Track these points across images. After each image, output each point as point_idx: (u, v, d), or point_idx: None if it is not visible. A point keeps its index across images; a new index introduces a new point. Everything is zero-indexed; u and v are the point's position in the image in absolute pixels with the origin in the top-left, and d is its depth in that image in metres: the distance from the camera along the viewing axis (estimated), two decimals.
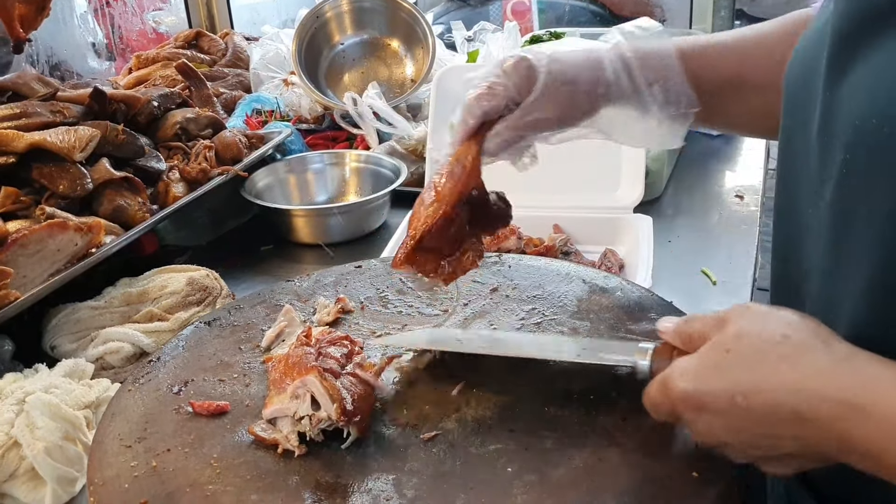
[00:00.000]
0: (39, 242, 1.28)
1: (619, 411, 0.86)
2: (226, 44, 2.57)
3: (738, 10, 3.90)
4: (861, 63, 0.65)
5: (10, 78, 1.65)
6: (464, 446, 0.85)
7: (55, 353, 1.31)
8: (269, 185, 1.87)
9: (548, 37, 2.15)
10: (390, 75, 2.22)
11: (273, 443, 0.88)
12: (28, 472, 1.02)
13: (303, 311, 1.14)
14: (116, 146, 1.55)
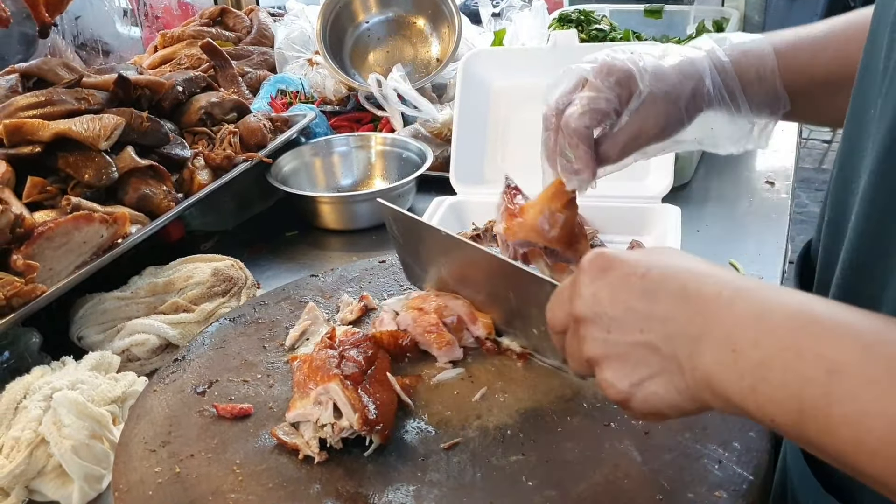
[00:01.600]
0: (65, 235, 1.28)
1: (642, 425, 0.85)
2: (251, 20, 2.55)
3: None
4: None
5: (35, 64, 1.65)
6: (485, 456, 0.84)
7: (82, 343, 1.32)
8: (295, 169, 1.86)
9: (576, 15, 2.11)
10: (416, 55, 2.19)
11: (294, 447, 0.88)
12: (56, 469, 1.03)
13: (326, 308, 1.14)
14: (141, 134, 1.55)
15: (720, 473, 0.77)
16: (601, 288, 0.69)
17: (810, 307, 0.58)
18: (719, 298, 0.62)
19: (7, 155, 1.45)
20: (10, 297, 1.18)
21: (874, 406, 0.52)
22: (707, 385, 0.62)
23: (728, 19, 2.12)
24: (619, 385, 0.68)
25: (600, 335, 0.69)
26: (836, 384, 0.54)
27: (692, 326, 0.62)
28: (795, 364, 0.56)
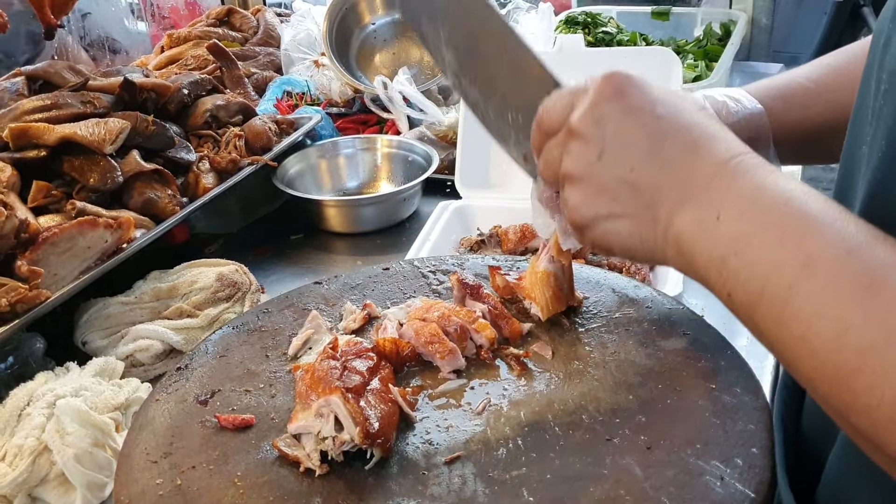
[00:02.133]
0: (70, 240, 1.29)
1: (643, 441, 0.85)
2: (257, 21, 2.55)
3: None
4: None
5: (41, 67, 1.66)
6: (486, 470, 0.84)
7: (87, 348, 1.33)
8: (301, 172, 1.86)
9: (583, 17, 2.10)
10: (422, 56, 2.18)
11: (296, 460, 0.88)
12: (59, 477, 1.03)
13: (330, 316, 1.14)
14: (146, 137, 1.55)
15: (722, 491, 0.77)
16: (611, 111, 0.66)
17: (807, 200, 0.58)
18: (724, 167, 0.61)
19: (13, 159, 1.45)
20: (15, 302, 1.18)
21: (831, 309, 0.52)
22: (676, 243, 0.62)
23: (736, 21, 2.11)
24: (584, 211, 0.67)
25: (589, 156, 0.67)
26: (805, 278, 0.54)
27: (685, 184, 0.62)
28: (774, 247, 0.56)
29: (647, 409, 0.89)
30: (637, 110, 0.66)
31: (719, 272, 0.59)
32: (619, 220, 0.66)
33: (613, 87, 0.67)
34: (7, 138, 1.46)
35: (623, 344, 1.00)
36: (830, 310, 0.53)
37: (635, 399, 0.91)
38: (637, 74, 0.68)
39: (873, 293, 0.51)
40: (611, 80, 0.68)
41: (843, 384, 0.52)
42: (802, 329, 0.54)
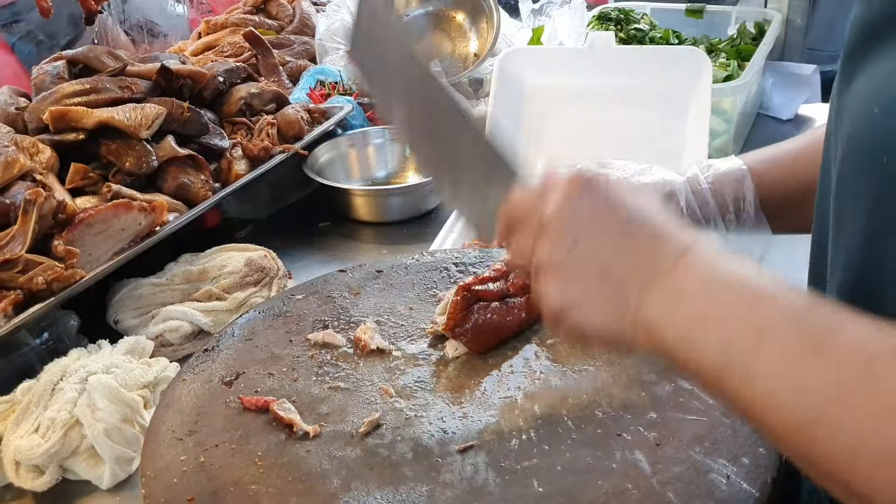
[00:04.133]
0: (105, 222, 1.33)
1: (653, 438, 0.86)
2: (293, 10, 2.58)
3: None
4: (861, 73, 0.67)
5: (82, 51, 1.70)
6: (498, 460, 0.86)
7: (118, 327, 1.37)
8: (331, 161, 1.89)
9: (616, 13, 2.10)
10: (454, 49, 2.20)
11: (290, 423, 0.93)
12: (88, 451, 1.08)
13: (354, 306, 1.17)
14: (181, 123, 1.59)
15: (727, 489, 0.78)
16: (581, 206, 0.71)
17: (756, 277, 0.64)
18: (686, 253, 0.67)
19: (52, 141, 1.50)
20: (51, 281, 1.22)
21: (787, 371, 0.58)
22: (645, 326, 0.66)
23: (770, 21, 2.10)
24: (557, 298, 0.71)
25: (562, 248, 0.71)
26: (760, 346, 0.60)
27: (651, 271, 0.67)
28: (730, 321, 0.62)
29: (658, 407, 0.91)
30: (605, 206, 0.71)
31: (686, 349, 0.64)
32: (592, 307, 0.70)
33: (583, 184, 0.72)
34: (47, 121, 1.50)
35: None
36: (786, 371, 0.58)
37: (648, 396, 0.93)
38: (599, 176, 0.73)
39: (820, 353, 0.57)
40: (581, 177, 0.72)
41: (808, 435, 0.57)
42: (765, 389, 0.59)
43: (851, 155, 0.67)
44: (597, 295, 0.70)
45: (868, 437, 0.54)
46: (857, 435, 0.54)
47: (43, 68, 1.68)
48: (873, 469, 0.54)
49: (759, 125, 2.10)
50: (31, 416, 1.10)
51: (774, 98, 2.12)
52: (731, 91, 1.73)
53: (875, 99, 0.63)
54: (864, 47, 0.67)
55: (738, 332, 0.61)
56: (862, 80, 0.67)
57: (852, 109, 0.67)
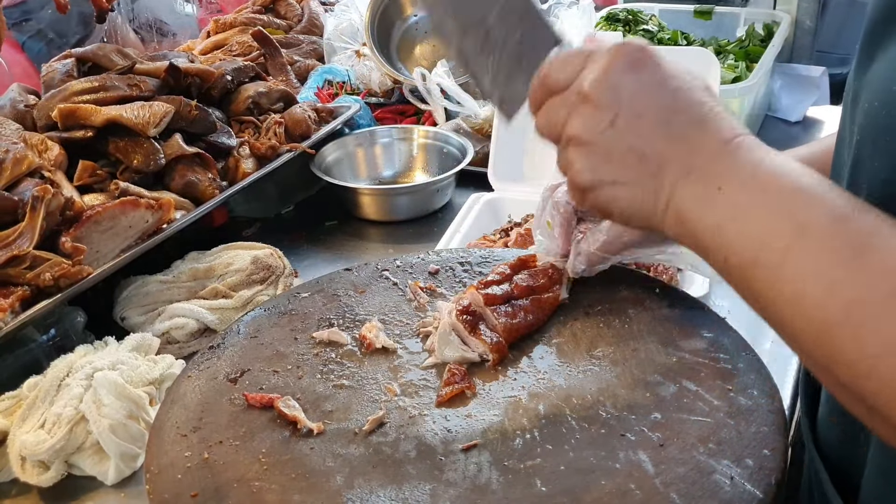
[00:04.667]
0: (112, 219, 1.33)
1: (657, 438, 0.86)
2: (302, 9, 2.59)
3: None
4: (882, 52, 0.66)
5: (90, 49, 1.71)
6: (501, 459, 0.86)
7: (125, 323, 1.38)
8: (338, 160, 1.89)
9: (624, 14, 2.10)
10: None
11: (294, 419, 0.93)
12: (94, 446, 1.08)
13: (359, 304, 1.17)
14: (189, 122, 1.59)
15: (730, 490, 0.78)
16: (628, 82, 0.69)
17: (801, 175, 0.63)
18: (727, 144, 0.65)
19: (61, 138, 1.51)
20: (58, 277, 1.23)
21: (821, 271, 0.57)
22: (676, 212, 0.66)
23: (779, 23, 2.09)
24: (589, 174, 0.70)
25: (600, 122, 0.69)
26: (799, 242, 0.59)
27: (690, 158, 0.65)
28: (771, 214, 0.61)
29: (662, 407, 0.91)
30: (651, 83, 0.68)
31: (716, 237, 0.63)
32: (623, 187, 0.68)
33: (629, 56, 0.69)
34: (56, 118, 1.51)
35: (644, 342, 1.02)
36: (820, 271, 0.57)
37: (652, 397, 0.93)
38: (648, 50, 0.71)
39: (860, 256, 0.56)
40: (629, 52, 0.70)
41: (829, 338, 0.56)
42: (794, 289, 0.58)
43: (868, 134, 0.66)
44: (630, 175, 0.68)
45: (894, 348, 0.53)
46: (883, 344, 0.53)
47: (52, 66, 1.69)
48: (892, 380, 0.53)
49: (767, 127, 2.10)
50: (37, 412, 1.11)
51: (783, 100, 2.12)
52: (738, 92, 1.73)
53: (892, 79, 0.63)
54: (885, 28, 0.66)
55: (775, 228, 0.60)
56: (882, 60, 0.66)
57: (870, 89, 0.66)
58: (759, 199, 0.62)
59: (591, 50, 0.72)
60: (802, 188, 0.61)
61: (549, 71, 0.74)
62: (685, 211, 0.65)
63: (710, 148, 0.65)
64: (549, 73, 0.74)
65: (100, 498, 1.08)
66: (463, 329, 1.02)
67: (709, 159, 0.65)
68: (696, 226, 0.64)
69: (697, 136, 0.66)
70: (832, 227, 0.58)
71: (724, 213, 0.63)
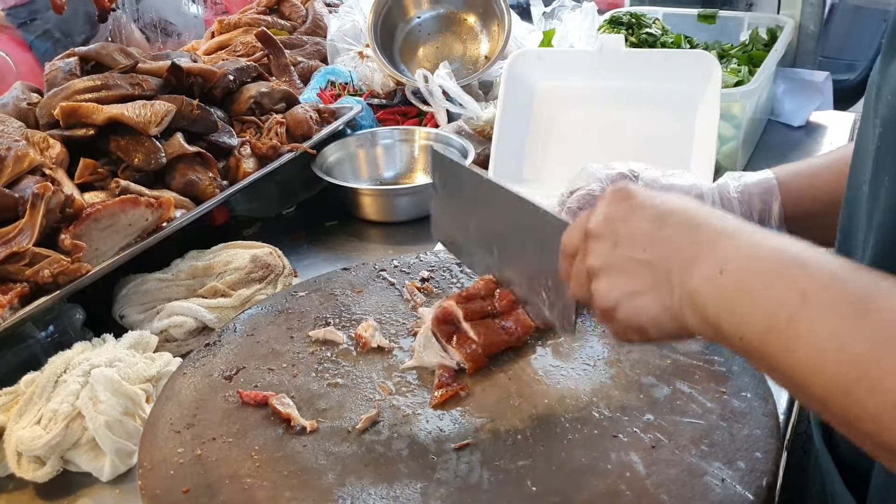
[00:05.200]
0: (112, 217, 1.34)
1: (650, 440, 0.86)
2: (306, 10, 2.59)
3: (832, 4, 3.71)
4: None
5: (94, 48, 1.71)
6: (493, 459, 0.86)
7: (124, 321, 1.38)
8: (340, 160, 1.89)
9: (627, 17, 2.10)
10: (465, 51, 2.20)
11: (287, 417, 0.94)
12: (90, 443, 1.08)
13: (356, 304, 1.17)
14: (191, 121, 1.59)
15: (721, 492, 0.78)
16: (618, 210, 0.77)
17: (796, 247, 0.66)
18: (722, 232, 0.70)
19: (63, 136, 1.51)
20: (57, 274, 1.23)
21: (829, 329, 0.59)
22: (690, 302, 0.69)
23: (782, 27, 2.09)
24: (610, 294, 0.76)
25: (606, 248, 0.76)
26: (804, 308, 0.61)
27: (690, 250, 0.70)
28: (773, 287, 0.64)
29: (655, 409, 0.91)
30: (640, 206, 0.76)
31: (729, 318, 0.66)
32: (643, 296, 0.74)
33: (619, 194, 0.77)
34: (58, 116, 1.51)
35: (639, 344, 1.02)
36: (828, 333, 0.59)
37: (645, 398, 0.93)
38: (628, 185, 0.79)
39: (861, 312, 0.59)
40: (616, 191, 0.78)
41: (850, 396, 0.58)
42: (807, 354, 0.60)
43: (890, 127, 0.69)
44: (642, 284, 0.74)
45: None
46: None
47: (55, 64, 1.70)
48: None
49: (769, 131, 2.09)
50: (34, 408, 1.11)
51: (786, 104, 2.12)
52: (740, 96, 1.72)
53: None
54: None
55: (782, 296, 0.63)
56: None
57: (893, 82, 0.70)
58: (759, 275, 0.65)
59: (588, 211, 0.81)
60: (799, 259, 0.65)
61: (563, 243, 0.83)
62: (697, 299, 0.69)
63: (708, 238, 0.70)
64: (564, 245, 0.83)
65: (95, 494, 1.08)
66: (440, 337, 1.02)
67: (708, 247, 0.69)
68: (709, 311, 0.68)
69: (693, 232, 0.71)
70: (832, 290, 0.61)
71: (731, 294, 0.66)
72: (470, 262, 1.14)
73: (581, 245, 0.80)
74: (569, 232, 0.83)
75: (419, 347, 1.02)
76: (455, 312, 1.03)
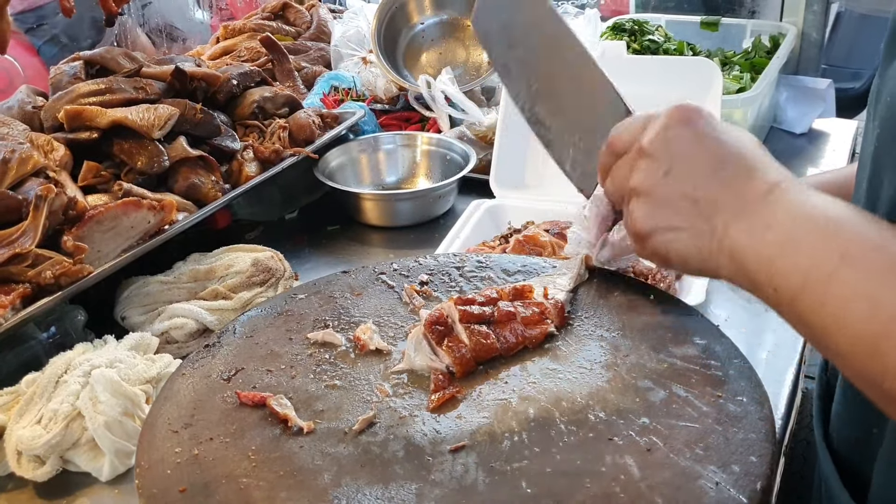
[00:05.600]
0: (114, 219, 1.35)
1: (645, 443, 0.86)
2: (311, 16, 2.61)
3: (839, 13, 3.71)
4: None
5: (98, 52, 1.73)
6: (488, 461, 0.87)
7: (125, 323, 1.39)
8: (342, 165, 1.91)
9: (630, 24, 2.11)
10: (468, 57, 2.21)
11: (285, 418, 0.94)
12: (89, 443, 1.09)
13: (355, 306, 1.17)
14: (194, 125, 1.61)
15: (715, 495, 0.78)
16: (679, 134, 0.75)
17: (842, 209, 0.68)
18: (774, 187, 0.70)
19: (67, 139, 1.52)
20: (59, 275, 1.24)
21: (865, 288, 0.62)
22: (729, 251, 0.70)
23: (785, 34, 2.09)
24: (647, 221, 0.76)
25: (656, 173, 0.76)
26: (843, 267, 0.63)
27: (740, 201, 0.71)
28: (817, 246, 0.66)
29: (651, 413, 0.91)
30: (702, 136, 0.74)
31: (767, 270, 0.67)
32: (679, 232, 0.74)
33: (683, 114, 0.76)
34: (62, 119, 1.53)
35: (636, 348, 1.02)
36: (863, 292, 0.61)
37: (642, 402, 0.93)
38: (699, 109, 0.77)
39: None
40: (682, 110, 0.77)
41: (875, 351, 0.60)
42: (839, 310, 0.62)
43: (888, 127, 0.71)
44: (685, 220, 0.74)
45: None
46: None
47: (60, 68, 1.71)
48: None
49: (772, 139, 2.10)
50: (35, 408, 1.12)
51: (788, 112, 2.12)
52: (741, 103, 1.73)
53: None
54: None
55: (821, 256, 0.65)
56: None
57: (891, 84, 0.71)
58: (804, 234, 0.67)
59: (651, 114, 0.79)
60: (843, 221, 0.66)
61: (613, 137, 0.82)
62: (738, 250, 0.70)
63: (758, 191, 0.70)
64: (613, 139, 0.82)
65: (94, 494, 1.09)
66: (430, 339, 1.02)
67: (757, 201, 0.70)
68: (749, 262, 0.69)
69: (745, 181, 0.71)
70: (872, 253, 0.63)
71: (773, 249, 0.68)
72: (504, 74, 1.05)
73: (631, 154, 0.78)
74: (622, 129, 0.81)
75: (410, 350, 1.03)
76: (451, 313, 1.04)
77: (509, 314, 1.06)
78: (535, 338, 1.05)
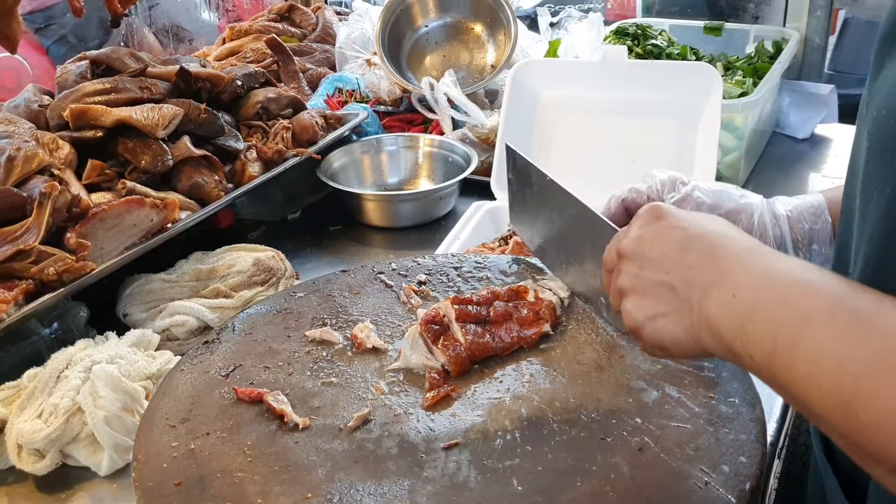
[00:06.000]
0: (117, 217, 1.36)
1: (637, 442, 0.87)
2: (317, 18, 2.62)
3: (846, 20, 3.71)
4: (890, 62, 0.72)
5: (104, 52, 1.74)
6: (481, 458, 0.88)
7: (127, 320, 1.40)
8: (344, 166, 1.92)
9: (633, 28, 2.11)
10: (471, 60, 2.22)
11: (281, 413, 0.95)
12: (89, 437, 1.10)
13: (353, 305, 1.19)
14: (198, 125, 1.62)
15: (703, 494, 0.79)
16: (647, 232, 0.81)
17: (804, 270, 0.69)
18: (737, 257, 0.73)
19: (72, 138, 1.54)
20: (62, 272, 1.26)
21: (829, 346, 0.62)
22: (707, 325, 0.72)
23: (788, 40, 2.10)
24: (636, 315, 0.80)
25: (633, 270, 0.81)
26: (806, 327, 0.64)
27: (708, 275, 0.73)
28: (779, 309, 0.67)
29: (644, 413, 0.92)
30: (668, 228, 0.79)
31: (741, 339, 0.69)
32: (665, 318, 0.78)
33: (650, 214, 0.82)
34: (67, 118, 1.54)
35: (631, 349, 1.03)
36: (828, 348, 0.62)
37: (634, 402, 0.94)
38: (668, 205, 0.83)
39: (859, 330, 0.61)
40: (649, 211, 0.82)
41: (846, 409, 0.60)
42: (809, 368, 0.63)
43: (876, 141, 0.72)
44: (666, 304, 0.77)
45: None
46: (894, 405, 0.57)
47: (67, 68, 1.73)
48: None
49: (774, 143, 2.10)
50: (36, 402, 1.13)
51: (791, 117, 2.12)
52: (742, 107, 1.74)
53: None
54: (894, 39, 0.72)
55: (786, 318, 0.66)
56: (891, 69, 0.72)
57: (880, 97, 0.72)
58: (767, 297, 0.68)
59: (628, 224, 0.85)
60: (804, 280, 0.68)
61: (605, 256, 0.88)
62: (713, 322, 0.72)
63: (724, 263, 0.73)
64: (605, 259, 0.88)
65: (93, 488, 1.10)
66: (426, 338, 1.03)
67: (723, 273, 0.72)
68: (723, 333, 0.71)
69: (710, 258, 0.74)
70: (834, 309, 0.64)
71: (743, 315, 0.69)
72: (541, 255, 1.20)
73: (616, 263, 0.85)
74: (609, 247, 0.88)
75: (406, 348, 1.04)
76: (448, 313, 1.05)
77: (505, 314, 1.07)
78: (530, 338, 1.06)
